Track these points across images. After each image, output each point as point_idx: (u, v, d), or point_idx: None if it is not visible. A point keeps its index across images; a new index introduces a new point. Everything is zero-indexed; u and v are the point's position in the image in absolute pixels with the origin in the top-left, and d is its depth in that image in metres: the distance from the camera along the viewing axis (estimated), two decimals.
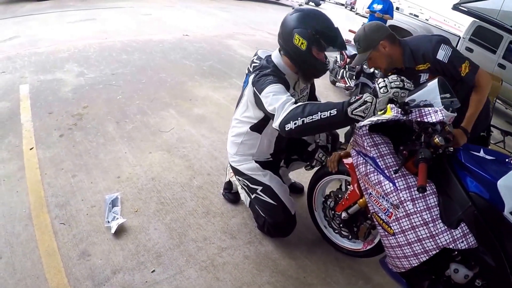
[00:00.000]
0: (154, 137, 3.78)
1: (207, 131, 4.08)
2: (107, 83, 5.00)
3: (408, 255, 2.01)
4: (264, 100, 2.04)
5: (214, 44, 7.98)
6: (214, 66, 6.45)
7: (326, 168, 2.66)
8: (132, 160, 3.32)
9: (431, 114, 1.84)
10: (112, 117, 4.08)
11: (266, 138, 2.50)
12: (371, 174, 2.10)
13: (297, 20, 2.15)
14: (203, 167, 3.39)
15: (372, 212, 2.16)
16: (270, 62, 2.29)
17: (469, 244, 1.85)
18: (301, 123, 1.83)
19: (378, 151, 2.12)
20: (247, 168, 2.56)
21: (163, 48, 7.06)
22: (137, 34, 7.79)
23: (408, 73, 2.59)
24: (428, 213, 1.92)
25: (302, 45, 2.14)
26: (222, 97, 5.09)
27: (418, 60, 2.57)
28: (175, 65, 6.16)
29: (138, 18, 9.57)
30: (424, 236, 1.93)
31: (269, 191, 2.51)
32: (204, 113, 4.51)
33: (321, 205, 2.80)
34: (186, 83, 5.41)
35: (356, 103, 1.73)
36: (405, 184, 1.99)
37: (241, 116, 2.48)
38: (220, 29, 9.75)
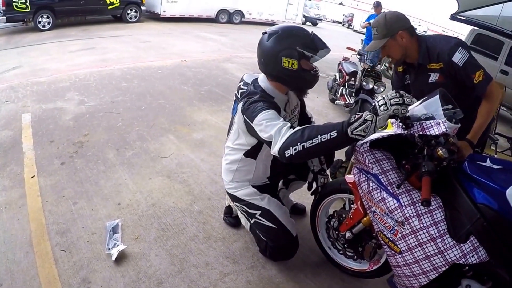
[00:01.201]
0: (154, 163, 3.81)
1: (206, 155, 4.11)
2: (107, 110, 5.06)
3: (416, 273, 1.95)
4: (257, 128, 2.02)
5: (212, 69, 8.08)
6: (212, 90, 6.53)
7: (328, 188, 2.63)
8: (132, 187, 3.35)
9: (433, 127, 1.83)
10: (112, 144, 4.12)
11: (262, 163, 2.48)
12: (374, 192, 2.06)
13: (277, 44, 2.13)
14: (203, 192, 3.40)
15: (377, 231, 2.11)
16: (257, 87, 2.26)
17: (480, 258, 1.79)
18: (301, 148, 1.80)
19: (380, 167, 2.08)
20: (244, 193, 2.53)
21: (162, 74, 7.15)
22: (136, 61, 7.90)
23: (419, 70, 2.62)
24: (435, 228, 1.87)
25: (293, 66, 2.13)
26: (221, 121, 5.14)
27: (432, 58, 2.53)
28: (173, 91, 6.23)
29: (137, 45, 9.71)
30: (432, 253, 1.87)
31: (268, 215, 2.47)
32: (203, 137, 4.55)
33: (325, 225, 2.76)
34: (184, 108, 5.47)
35: (356, 123, 1.72)
36: (410, 200, 1.94)
37: (234, 144, 2.46)
38: (217, 53, 9.87)
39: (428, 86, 2.57)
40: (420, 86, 2.66)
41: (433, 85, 2.54)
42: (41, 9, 11.09)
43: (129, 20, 14.04)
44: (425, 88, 2.58)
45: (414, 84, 2.76)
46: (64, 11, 12.00)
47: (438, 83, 2.53)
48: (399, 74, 2.90)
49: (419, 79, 2.67)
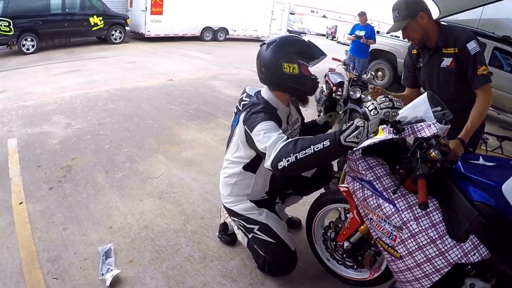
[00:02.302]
0: (144, 184, 3.78)
1: (197, 174, 4.09)
2: (95, 133, 5.02)
3: (419, 277, 1.94)
4: (255, 139, 2.01)
5: (199, 87, 8.10)
6: (199, 108, 6.53)
7: (322, 199, 2.63)
8: (124, 209, 3.30)
9: (424, 129, 1.83)
10: (101, 167, 4.07)
11: (261, 177, 2.46)
12: (369, 199, 2.06)
13: (277, 52, 2.17)
14: (196, 211, 3.38)
15: (375, 238, 2.10)
16: (260, 99, 2.27)
17: (482, 256, 1.79)
18: (294, 160, 1.78)
19: (374, 173, 2.07)
20: (242, 208, 2.50)
21: (149, 94, 7.13)
22: (122, 82, 7.87)
23: (434, 53, 2.68)
24: (434, 230, 1.87)
25: (294, 70, 2.16)
26: (210, 138, 5.13)
27: (449, 42, 2.59)
28: (161, 111, 6.22)
29: (122, 66, 9.70)
30: (433, 255, 1.87)
31: (266, 229, 2.44)
32: (192, 156, 4.53)
33: (322, 237, 2.74)
34: (172, 128, 5.45)
35: (348, 130, 1.73)
36: (406, 204, 1.94)
37: (233, 157, 2.44)
38: (203, 71, 9.91)
39: (440, 70, 2.68)
40: (431, 69, 2.75)
41: (444, 70, 2.65)
42: (25, 32, 11.06)
43: (113, 41, 14.06)
44: (436, 72, 2.71)
45: (425, 66, 2.80)
46: (48, 34, 11.99)
47: (449, 68, 2.63)
48: (412, 56, 2.95)
49: (431, 61, 2.73)
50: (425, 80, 2.86)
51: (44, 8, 11.74)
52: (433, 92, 2.53)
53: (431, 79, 2.79)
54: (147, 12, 15.19)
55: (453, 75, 2.64)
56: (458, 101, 2.62)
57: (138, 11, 15.48)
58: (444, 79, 2.69)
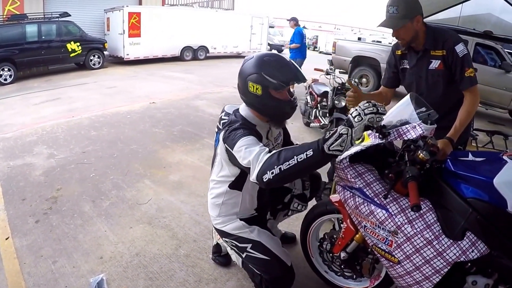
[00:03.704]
0: (133, 210, 3.74)
1: (186, 196, 4.06)
2: (79, 162, 4.96)
3: (419, 280, 1.92)
4: (237, 155, 1.99)
5: (182, 108, 8.10)
6: (184, 130, 6.52)
7: (315, 211, 2.61)
8: (113, 238, 3.26)
9: (410, 131, 1.85)
10: (88, 196, 4.02)
11: (248, 194, 2.43)
12: (361, 206, 2.04)
13: (248, 68, 2.15)
14: (187, 234, 3.35)
15: (371, 245, 2.08)
16: (238, 116, 2.25)
17: (481, 252, 1.79)
18: (278, 171, 1.75)
19: (363, 180, 2.06)
20: (232, 227, 2.45)
21: (131, 119, 7.10)
22: (103, 108, 7.82)
23: (422, 56, 2.70)
24: (429, 231, 1.86)
25: (257, 91, 2.12)
26: (197, 159, 5.12)
27: (437, 44, 2.61)
28: (145, 135, 6.19)
29: (103, 92, 9.64)
30: (431, 256, 1.86)
31: (260, 247, 2.39)
32: (180, 178, 4.51)
33: (317, 249, 2.72)
34: (158, 151, 5.43)
35: (332, 138, 1.69)
36: (399, 208, 1.93)
37: (218, 176, 2.42)
38: (186, 92, 9.91)
39: (428, 72, 2.70)
40: (419, 71, 2.75)
41: (433, 72, 2.68)
42: (1, 61, 10.99)
43: (92, 66, 14.00)
44: (424, 74, 2.72)
45: (413, 69, 2.81)
46: (25, 63, 11.93)
47: (437, 70, 2.66)
48: (396, 56, 2.95)
49: (419, 64, 2.74)
50: (412, 82, 2.87)
51: (20, 36, 11.73)
52: (421, 94, 2.65)
53: (419, 81, 2.80)
54: (125, 35, 15.19)
55: (441, 77, 2.68)
56: (447, 102, 2.68)
57: (116, 34, 15.51)
58: (432, 81, 2.73)
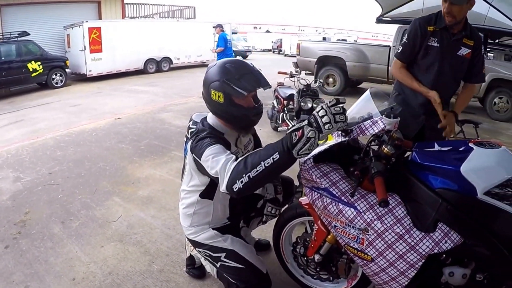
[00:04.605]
0: (103, 229, 3.74)
1: (156, 211, 4.08)
2: (46, 183, 4.91)
3: (395, 276, 1.91)
4: (205, 165, 1.99)
5: (148, 121, 8.09)
6: (151, 144, 6.52)
7: (285, 215, 2.61)
8: (85, 258, 3.25)
9: (371, 126, 1.86)
10: (57, 218, 3.99)
11: (219, 202, 2.44)
12: (329, 206, 2.02)
13: (210, 76, 2.15)
14: (160, 249, 3.36)
15: (344, 245, 2.07)
16: (206, 125, 2.25)
17: (454, 242, 1.79)
18: (247, 179, 1.74)
19: (329, 180, 2.05)
20: (205, 237, 2.44)
21: (97, 136, 7.04)
22: (68, 127, 7.73)
23: (456, 40, 2.81)
24: (400, 225, 1.86)
25: (219, 98, 2.11)
26: (165, 173, 5.14)
27: (472, 35, 2.80)
28: (111, 151, 6.16)
29: (67, 110, 9.51)
30: (404, 251, 1.85)
31: (234, 256, 2.38)
32: (149, 193, 4.52)
33: (291, 254, 2.70)
34: (125, 167, 5.42)
35: (300, 143, 1.65)
36: (367, 205, 1.93)
37: (188, 186, 2.42)
38: (151, 105, 9.88)
39: (454, 57, 2.84)
40: (448, 53, 2.84)
41: (459, 58, 2.84)
42: None
43: (55, 85, 13.73)
44: (450, 56, 2.85)
45: (442, 48, 2.85)
46: None
47: (464, 57, 2.83)
48: (423, 30, 2.90)
49: (449, 47, 2.83)
50: (435, 62, 2.89)
51: None
52: (440, 74, 2.82)
53: (443, 62, 2.87)
54: (86, 51, 14.99)
55: (464, 64, 2.86)
56: (454, 89, 3.02)
57: (77, 50, 15.28)
58: (457, 66, 2.87)
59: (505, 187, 1.74)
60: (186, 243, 2.90)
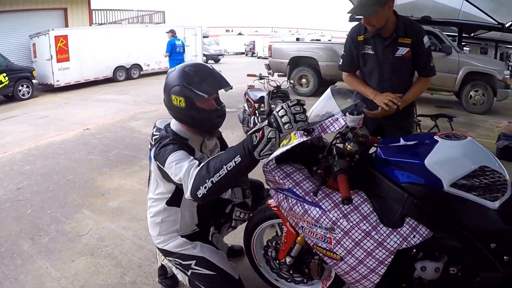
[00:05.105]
0: (74, 243, 3.71)
1: (127, 222, 4.08)
2: (14, 199, 4.83)
3: (365, 274, 1.90)
4: (168, 172, 1.97)
5: (118, 131, 8.02)
6: (121, 153, 6.49)
7: (254, 219, 2.59)
8: (56, 274, 3.23)
9: (332, 124, 1.86)
10: (25, 234, 3.94)
11: (187, 209, 2.40)
12: (294, 207, 2.00)
13: (170, 81, 2.14)
14: (131, 261, 3.36)
15: (312, 245, 2.05)
16: (169, 131, 2.23)
17: (423, 236, 1.79)
18: (211, 185, 1.73)
19: (292, 180, 2.03)
20: (174, 245, 2.41)
21: (66, 148, 6.95)
22: (36, 140, 7.59)
23: (390, 43, 2.81)
24: (366, 222, 1.85)
25: (181, 103, 2.10)
26: (136, 182, 5.13)
27: (407, 33, 2.76)
28: (81, 163, 6.10)
29: (34, 123, 9.33)
30: (372, 248, 1.84)
31: (204, 262, 2.35)
32: (120, 204, 4.51)
33: (263, 258, 2.67)
34: (95, 179, 5.38)
35: (261, 144, 1.65)
36: (332, 203, 1.91)
37: (155, 194, 2.39)
38: (121, 114, 9.80)
39: (394, 59, 2.85)
40: (384, 58, 2.88)
41: (399, 58, 2.84)
42: None
43: (22, 97, 13.35)
44: (389, 60, 2.87)
45: (378, 55, 2.89)
46: None
47: (403, 57, 2.83)
48: (357, 43, 2.96)
49: (386, 51, 2.85)
50: (374, 68, 2.95)
51: None
52: (384, 80, 2.85)
53: (383, 67, 2.91)
54: (53, 60, 14.65)
55: (406, 64, 2.86)
56: (405, 88, 2.93)
57: (43, 60, 14.93)
58: (398, 67, 2.87)
59: (472, 178, 1.76)
60: (157, 252, 2.85)
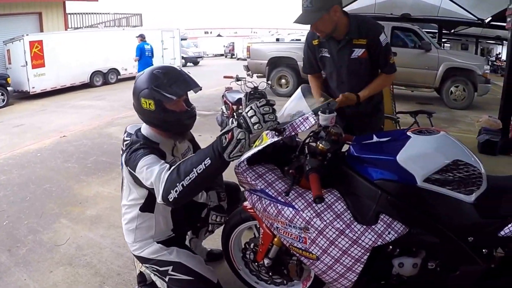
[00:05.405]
0: (52, 253, 3.69)
1: (105, 230, 4.07)
2: None
3: (342, 273, 1.89)
4: (140, 177, 1.96)
5: (95, 137, 7.96)
6: (98, 160, 6.45)
7: (231, 222, 2.58)
8: (34, 285, 3.22)
9: (303, 123, 1.85)
10: (2, 246, 3.90)
11: (161, 215, 2.39)
12: (268, 207, 1.99)
13: (139, 84, 2.12)
14: (110, 269, 3.35)
15: (288, 246, 2.05)
16: (140, 136, 2.21)
17: (398, 232, 1.79)
18: (182, 188, 1.72)
19: (264, 181, 2.02)
20: (150, 252, 2.39)
21: (42, 157, 6.87)
22: (12, 149, 7.47)
23: (344, 45, 2.78)
24: (340, 220, 1.84)
25: (150, 106, 2.08)
26: (113, 189, 5.12)
27: (361, 33, 2.70)
28: (57, 172, 6.04)
29: (9, 131, 9.18)
30: (347, 246, 1.83)
31: (181, 268, 2.33)
32: (98, 212, 4.50)
33: (242, 261, 2.67)
34: (72, 187, 5.34)
35: (230, 146, 1.66)
36: (305, 203, 1.91)
37: (128, 201, 2.37)
38: (98, 120, 9.74)
39: (350, 61, 2.81)
40: (340, 60, 2.85)
41: (355, 60, 2.80)
42: None
43: None
44: (346, 62, 2.84)
45: (333, 58, 2.88)
46: None
47: (360, 58, 2.79)
48: (313, 47, 2.98)
49: (341, 53, 2.82)
50: (333, 71, 2.95)
51: None
52: (343, 82, 2.81)
53: (340, 70, 2.89)
54: (28, 66, 14.37)
55: (364, 64, 2.82)
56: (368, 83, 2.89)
57: (18, 67, 14.64)
58: (355, 69, 2.83)
59: (446, 172, 1.78)
60: (135, 259, 2.82)
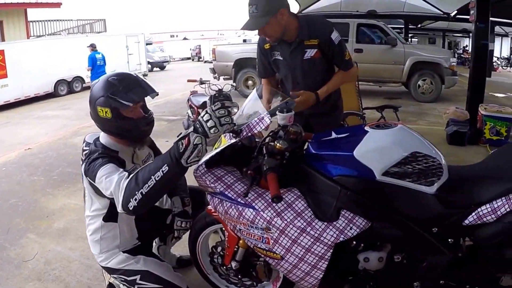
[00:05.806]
0: (20, 270, 3.64)
1: (73, 242, 4.05)
2: None
3: (308, 271, 1.90)
4: (99, 187, 1.97)
5: (60, 148, 7.84)
6: (64, 172, 6.37)
7: (196, 226, 2.57)
8: None
9: (258, 123, 1.88)
10: None
11: (124, 223, 2.39)
12: (229, 210, 2.00)
13: (95, 93, 2.11)
14: (80, 282, 3.33)
15: (253, 247, 2.05)
16: (98, 145, 2.20)
17: (360, 227, 1.81)
18: (141, 196, 1.74)
19: (223, 183, 2.03)
20: (117, 262, 2.38)
21: (7, 171, 6.72)
22: None
23: (296, 47, 2.75)
24: (301, 218, 1.85)
25: (107, 114, 2.07)
26: (80, 200, 4.78)
27: (312, 34, 2.67)
28: (23, 186, 5.93)
29: None
30: (309, 244, 1.84)
31: (149, 276, 2.33)
32: (65, 225, 4.46)
33: (210, 265, 2.65)
34: (39, 201, 5.26)
35: (187, 151, 1.69)
36: (265, 203, 1.91)
37: (91, 211, 2.35)
38: (64, 130, 9.57)
39: (304, 62, 2.79)
40: (294, 62, 2.83)
41: (308, 61, 2.77)
42: None
43: None
44: (299, 64, 2.81)
45: (287, 61, 2.85)
46: None
47: (313, 58, 2.76)
48: (265, 51, 2.95)
49: (293, 55, 2.80)
50: (287, 73, 2.93)
51: None
52: (298, 83, 2.80)
53: (294, 72, 2.87)
54: None
55: (317, 64, 2.79)
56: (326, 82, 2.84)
57: None
58: (309, 70, 2.81)
59: (405, 165, 1.81)
60: (103, 271, 2.82)
